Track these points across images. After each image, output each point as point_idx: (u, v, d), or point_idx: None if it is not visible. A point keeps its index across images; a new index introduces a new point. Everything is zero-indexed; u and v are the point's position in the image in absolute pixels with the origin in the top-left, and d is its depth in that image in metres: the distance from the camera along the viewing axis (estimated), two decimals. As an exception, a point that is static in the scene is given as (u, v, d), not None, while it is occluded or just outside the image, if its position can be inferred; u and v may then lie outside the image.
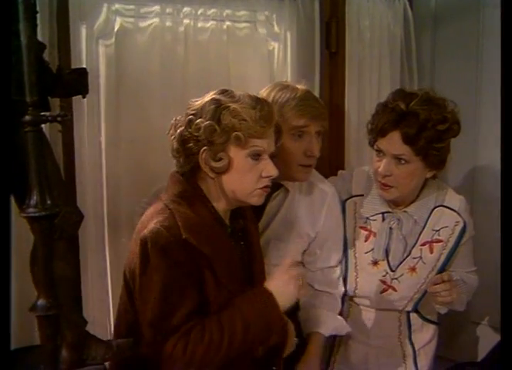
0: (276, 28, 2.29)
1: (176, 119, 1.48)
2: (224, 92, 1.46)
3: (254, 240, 1.63)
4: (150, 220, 1.42)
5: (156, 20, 2.05)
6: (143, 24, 2.05)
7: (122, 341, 1.32)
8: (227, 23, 2.18)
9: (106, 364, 1.38)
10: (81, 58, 1.90)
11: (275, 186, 1.80)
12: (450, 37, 2.63)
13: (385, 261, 1.95)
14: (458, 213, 1.95)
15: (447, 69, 2.63)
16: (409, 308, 2.01)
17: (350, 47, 2.41)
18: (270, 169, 1.46)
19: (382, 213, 1.96)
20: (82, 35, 1.93)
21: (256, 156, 1.45)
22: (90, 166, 1.99)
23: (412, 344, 2.03)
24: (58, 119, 1.07)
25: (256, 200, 1.50)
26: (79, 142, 1.93)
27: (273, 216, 1.87)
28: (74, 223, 1.15)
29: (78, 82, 1.27)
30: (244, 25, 2.24)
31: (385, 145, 1.81)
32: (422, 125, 1.75)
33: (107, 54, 2.00)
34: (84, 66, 1.27)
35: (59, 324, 1.14)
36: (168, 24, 2.06)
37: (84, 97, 1.31)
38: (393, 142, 1.78)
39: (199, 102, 1.45)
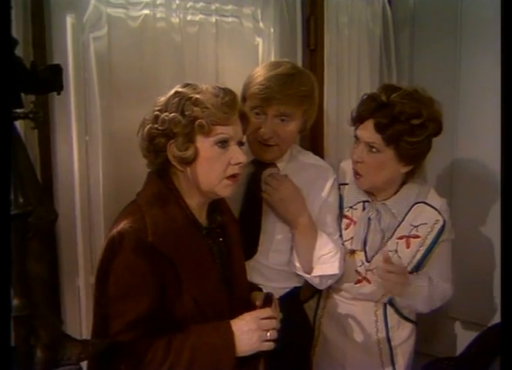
0: (261, 24, 2.30)
1: (144, 119, 1.49)
2: (186, 85, 1.46)
3: (232, 235, 1.62)
4: (122, 220, 1.42)
5: (146, 11, 2.02)
6: (133, 14, 2.02)
7: (97, 341, 1.30)
8: (215, 17, 2.17)
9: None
10: (66, 52, 1.86)
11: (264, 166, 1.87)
12: (429, 34, 2.66)
13: (363, 252, 1.97)
14: (439, 212, 1.97)
15: (426, 66, 2.65)
16: (384, 300, 2.02)
17: (329, 44, 2.42)
18: (238, 156, 1.46)
19: (363, 203, 1.99)
20: (67, 28, 1.88)
21: (223, 144, 1.45)
22: (78, 168, 1.94)
23: (389, 341, 2.04)
24: (30, 115, 1.06)
25: (224, 192, 1.49)
26: (65, 140, 1.89)
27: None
28: (48, 222, 1.13)
29: (52, 78, 1.25)
30: (231, 19, 2.23)
31: (360, 132, 1.89)
32: (395, 116, 1.80)
33: (96, 47, 1.95)
34: (58, 63, 1.23)
35: (33, 324, 1.12)
36: (160, 15, 2.04)
37: (59, 94, 1.28)
38: (367, 129, 1.86)
39: (163, 98, 1.46)
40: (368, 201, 1.99)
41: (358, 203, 1.99)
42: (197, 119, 1.40)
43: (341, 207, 2.00)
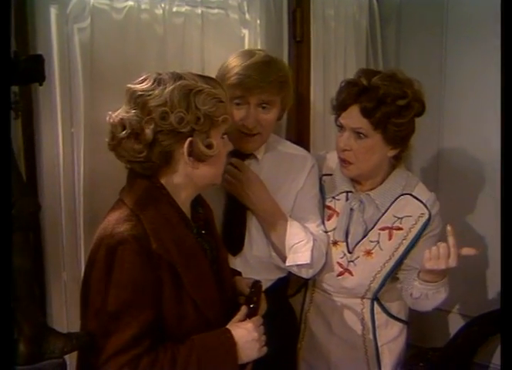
0: (247, 16, 2.27)
1: (120, 117, 1.38)
2: (177, 76, 1.37)
3: (212, 224, 1.62)
4: (116, 227, 1.34)
5: (130, 3, 1.98)
6: (117, 5, 1.97)
7: (81, 334, 1.29)
8: (201, 9, 2.14)
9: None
10: (50, 43, 1.82)
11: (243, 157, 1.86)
12: (415, 26, 2.67)
13: (345, 243, 1.95)
14: (425, 205, 1.93)
15: (412, 58, 2.66)
16: (369, 296, 2.00)
17: (315, 36, 2.41)
18: (230, 145, 1.49)
19: (346, 193, 1.97)
20: (51, 19, 1.84)
21: (225, 135, 1.45)
22: (63, 160, 1.90)
23: (375, 339, 2.02)
24: (12, 106, 1.04)
25: (220, 179, 1.51)
26: (50, 132, 1.86)
27: None
28: (29, 214, 1.12)
29: (34, 69, 1.23)
30: (217, 10, 2.20)
31: (345, 119, 1.85)
32: (380, 99, 1.77)
33: (80, 38, 1.91)
34: (40, 53, 1.22)
35: (16, 317, 1.11)
36: (144, 7, 2.00)
37: (41, 85, 1.27)
38: (352, 115, 1.82)
39: (156, 91, 1.34)
40: (351, 192, 1.97)
41: (342, 193, 1.97)
42: (216, 113, 1.37)
43: (323, 197, 1.99)
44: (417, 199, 1.94)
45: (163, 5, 2.03)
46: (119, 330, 1.30)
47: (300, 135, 2.41)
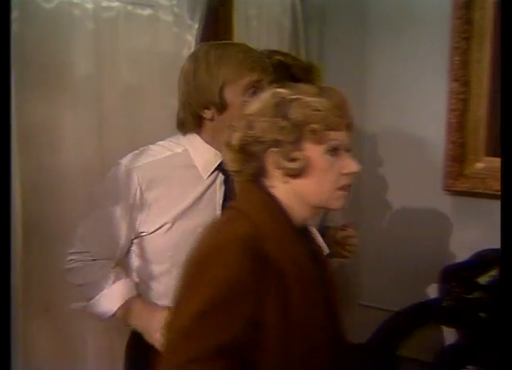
0: (178, 14, 2.25)
1: (229, 125, 1.31)
2: (282, 86, 1.28)
3: (323, 255, 1.44)
4: (222, 227, 1.22)
5: None
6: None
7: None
8: (130, 6, 2.12)
9: None
10: None
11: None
12: (338, 26, 2.71)
13: None
14: None
15: (335, 57, 2.70)
16: None
17: (238, 35, 2.40)
18: (352, 165, 1.27)
19: None
20: None
21: (334, 152, 1.25)
22: None
23: None
24: None
25: (337, 204, 1.29)
26: None
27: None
28: None
29: None
30: (147, 9, 2.17)
31: None
32: None
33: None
34: None
35: None
36: (76, 0, 1.94)
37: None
38: None
39: (255, 100, 1.29)
40: None
41: None
42: (306, 123, 1.22)
43: None
44: None
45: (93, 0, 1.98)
46: (202, 334, 1.13)
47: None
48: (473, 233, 2.38)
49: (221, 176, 1.63)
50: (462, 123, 2.40)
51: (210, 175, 1.61)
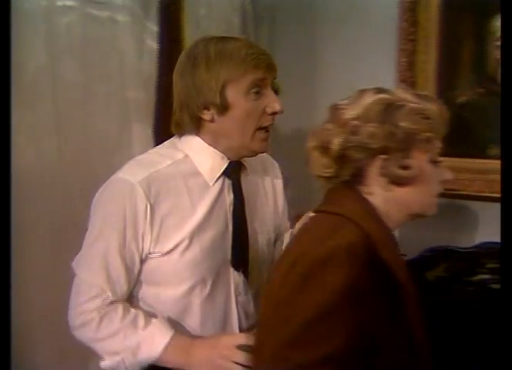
0: (137, 13, 2.23)
1: (323, 129, 1.26)
2: (381, 91, 1.24)
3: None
4: (327, 237, 1.15)
5: None
6: None
7: None
8: (88, 6, 2.07)
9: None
10: None
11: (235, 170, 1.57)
12: (289, 25, 2.72)
13: None
14: None
15: (286, 57, 2.70)
16: None
17: (189, 36, 2.38)
18: (448, 174, 1.28)
19: None
20: None
21: (436, 162, 1.25)
22: None
23: None
24: None
25: (431, 210, 1.28)
26: None
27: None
28: None
29: None
30: (105, 11, 2.12)
31: None
32: None
33: None
34: None
35: None
36: None
37: None
38: None
39: (354, 104, 1.25)
40: None
41: None
42: (419, 131, 1.20)
43: None
44: None
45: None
46: (308, 342, 1.09)
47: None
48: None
49: (228, 181, 1.53)
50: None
51: (216, 181, 1.51)
